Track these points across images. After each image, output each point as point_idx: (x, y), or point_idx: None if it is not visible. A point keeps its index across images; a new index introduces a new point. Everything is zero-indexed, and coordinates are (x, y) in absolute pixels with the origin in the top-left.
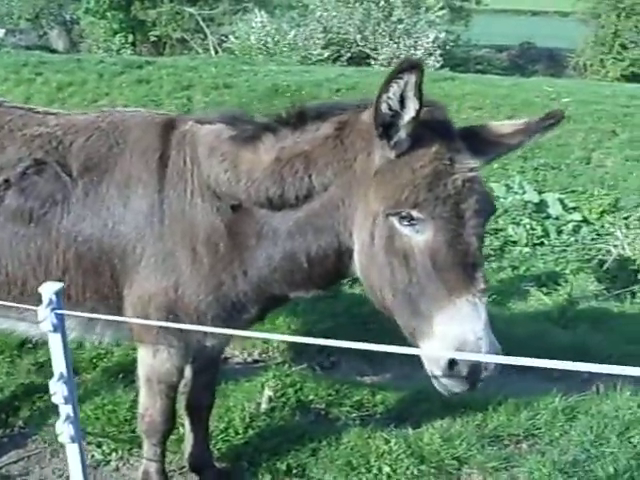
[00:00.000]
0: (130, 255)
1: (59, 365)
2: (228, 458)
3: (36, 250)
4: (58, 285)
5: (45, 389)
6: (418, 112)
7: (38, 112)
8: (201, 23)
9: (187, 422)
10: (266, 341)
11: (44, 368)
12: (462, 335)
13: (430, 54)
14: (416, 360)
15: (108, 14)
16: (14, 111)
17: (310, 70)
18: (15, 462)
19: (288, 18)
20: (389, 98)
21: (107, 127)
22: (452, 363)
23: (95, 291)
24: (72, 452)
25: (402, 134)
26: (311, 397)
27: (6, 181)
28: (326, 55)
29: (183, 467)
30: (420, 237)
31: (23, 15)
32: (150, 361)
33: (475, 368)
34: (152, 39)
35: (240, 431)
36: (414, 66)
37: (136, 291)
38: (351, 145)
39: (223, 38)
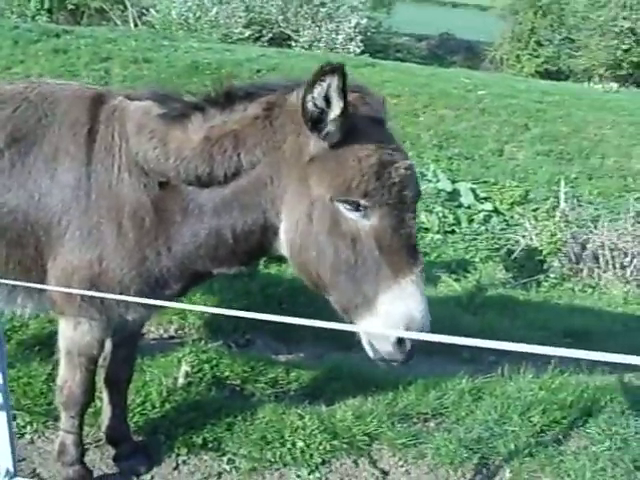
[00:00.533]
0: (55, 228)
1: None
2: (145, 431)
3: None
4: None
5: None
6: (344, 110)
7: None
8: None
9: (105, 395)
10: (183, 317)
11: None
12: (409, 313)
13: (351, 39)
14: (330, 339)
15: None
16: None
17: (231, 49)
18: None
19: None
20: (314, 98)
21: (35, 98)
22: (400, 340)
23: (18, 262)
24: (1, 420)
25: (331, 128)
26: (227, 373)
27: None
28: (247, 34)
29: (99, 440)
30: (366, 222)
31: None
32: (71, 333)
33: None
34: (70, 7)
35: (157, 405)
36: (335, 69)
37: (60, 264)
38: (280, 127)
39: (144, 11)
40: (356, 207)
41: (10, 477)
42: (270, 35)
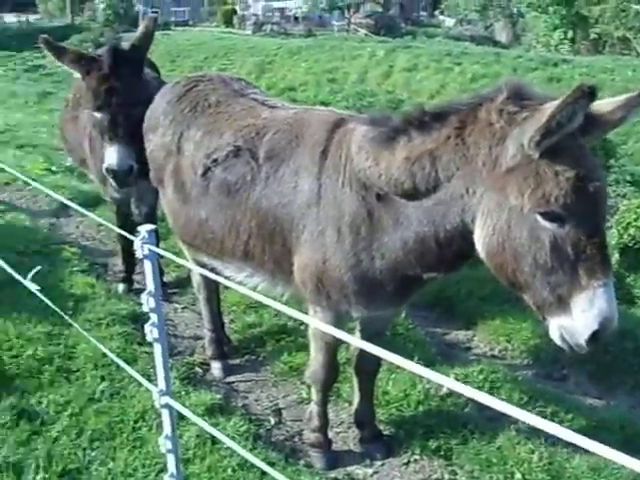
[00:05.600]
0: (295, 229)
1: (150, 283)
2: (391, 424)
3: (231, 217)
4: (152, 226)
5: (285, 331)
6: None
7: (264, 104)
8: None
9: (355, 382)
10: (508, 340)
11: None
12: (602, 314)
13: None
14: None
15: (550, 9)
16: (247, 102)
17: None
18: (244, 382)
19: None
20: (562, 116)
21: (293, 123)
22: (594, 336)
23: (271, 255)
24: (156, 350)
25: (553, 140)
26: (500, 395)
27: (215, 160)
28: None
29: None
30: (563, 230)
31: (471, 6)
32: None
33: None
34: (592, 36)
35: (412, 405)
36: (591, 92)
37: (298, 260)
38: (473, 142)
39: None
40: (553, 218)
41: (162, 394)
42: None
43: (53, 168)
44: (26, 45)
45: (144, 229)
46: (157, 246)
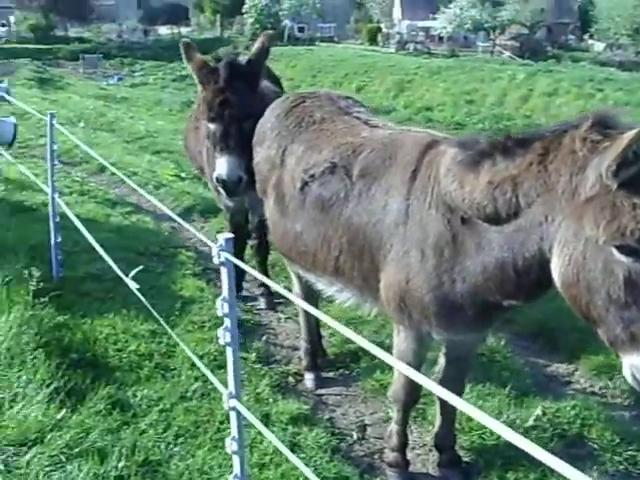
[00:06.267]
0: (383, 248)
1: (225, 289)
2: (471, 451)
3: (323, 232)
4: (230, 235)
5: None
6: None
7: (366, 123)
8: None
9: (437, 405)
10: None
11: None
12: None
13: None
14: None
15: None
16: (350, 121)
17: None
18: (334, 395)
19: None
20: (638, 147)
21: (388, 143)
22: None
23: (360, 271)
24: (228, 354)
25: (632, 171)
26: (584, 434)
27: (312, 175)
28: None
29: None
30: (638, 265)
31: (622, 30)
32: (395, 339)
33: None
34: None
35: (494, 434)
36: None
37: (384, 278)
38: (554, 170)
39: None
40: (629, 252)
41: (231, 397)
42: None
43: (182, 174)
44: (176, 56)
45: (222, 237)
46: (264, 255)
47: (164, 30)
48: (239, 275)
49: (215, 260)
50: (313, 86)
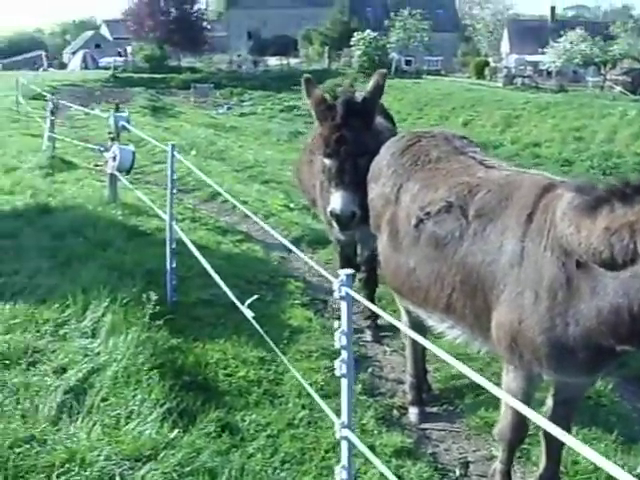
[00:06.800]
0: (497, 288)
1: (344, 322)
2: None
3: (437, 269)
4: (351, 271)
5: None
6: None
7: (481, 163)
8: None
9: (543, 446)
10: None
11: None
12: None
13: None
14: None
15: None
16: (466, 161)
17: None
18: (437, 430)
19: None
20: None
21: (505, 184)
22: None
23: (472, 310)
24: (343, 385)
25: None
26: None
27: (428, 213)
28: None
29: None
30: None
31: None
32: (505, 377)
33: None
34: None
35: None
36: None
37: (496, 317)
38: None
39: None
40: None
41: (343, 426)
42: None
43: (291, 205)
44: (284, 87)
45: (343, 273)
46: (372, 288)
47: (273, 61)
48: None
49: (336, 294)
50: (420, 119)
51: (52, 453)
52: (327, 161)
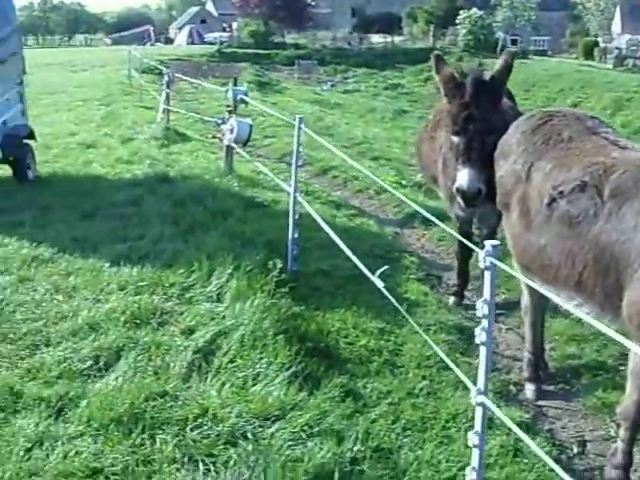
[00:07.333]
0: (631, 266)
1: (487, 292)
2: None
3: (569, 247)
4: (496, 242)
5: (603, 367)
6: None
7: (615, 144)
8: None
9: None
10: None
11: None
12: None
13: None
14: None
15: None
16: (598, 141)
17: None
18: (554, 408)
19: None
20: None
21: None
22: None
23: (603, 288)
24: (481, 352)
25: None
26: None
27: (561, 192)
28: None
29: None
30: None
31: None
32: (636, 358)
33: None
34: None
35: None
36: None
37: (628, 296)
38: None
39: None
40: None
41: (479, 392)
42: None
43: (403, 182)
44: (388, 64)
45: (489, 243)
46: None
47: (376, 38)
48: (463, 283)
49: (480, 264)
50: (526, 100)
51: (185, 408)
52: (455, 138)
